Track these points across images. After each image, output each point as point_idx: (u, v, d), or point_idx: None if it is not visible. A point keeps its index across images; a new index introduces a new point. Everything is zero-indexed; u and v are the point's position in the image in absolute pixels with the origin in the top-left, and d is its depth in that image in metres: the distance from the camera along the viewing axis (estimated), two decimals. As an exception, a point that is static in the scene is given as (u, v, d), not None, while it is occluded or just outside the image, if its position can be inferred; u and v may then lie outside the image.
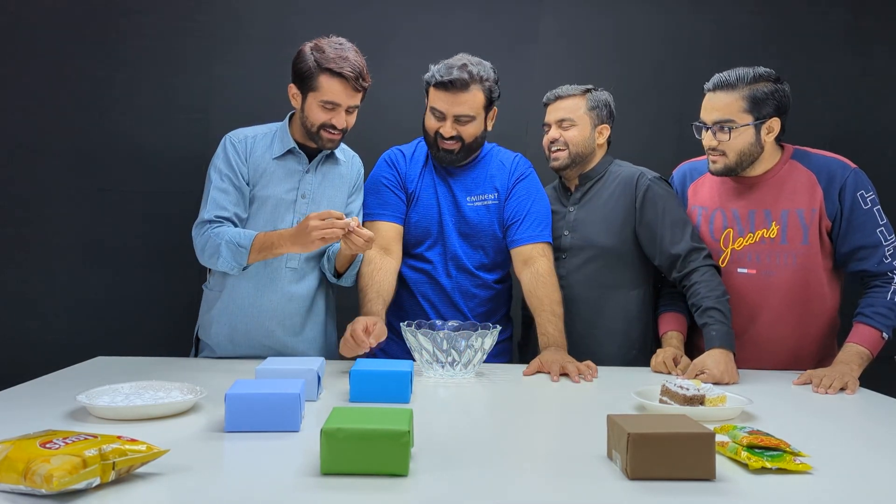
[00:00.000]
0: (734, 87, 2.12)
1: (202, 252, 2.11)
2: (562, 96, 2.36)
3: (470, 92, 2.18)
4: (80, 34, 2.77)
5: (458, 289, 2.30)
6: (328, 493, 1.14)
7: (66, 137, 2.77)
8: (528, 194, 2.32)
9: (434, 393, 1.85)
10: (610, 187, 2.35)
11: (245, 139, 2.19)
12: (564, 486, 1.20)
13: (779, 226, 2.17)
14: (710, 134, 2.15)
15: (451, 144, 2.23)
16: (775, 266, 2.18)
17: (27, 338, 2.74)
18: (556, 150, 2.35)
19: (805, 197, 2.16)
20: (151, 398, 1.57)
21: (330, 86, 2.07)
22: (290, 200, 2.18)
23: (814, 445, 1.38)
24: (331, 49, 2.07)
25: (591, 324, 2.31)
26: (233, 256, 2.06)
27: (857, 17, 2.93)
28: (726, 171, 2.18)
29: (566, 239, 2.36)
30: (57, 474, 1.05)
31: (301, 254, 2.16)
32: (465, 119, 2.21)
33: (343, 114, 2.11)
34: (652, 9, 2.94)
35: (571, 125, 2.34)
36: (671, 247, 2.23)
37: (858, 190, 2.13)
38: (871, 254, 2.13)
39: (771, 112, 2.12)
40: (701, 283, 2.16)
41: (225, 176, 2.14)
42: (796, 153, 2.22)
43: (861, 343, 2.06)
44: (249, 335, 2.18)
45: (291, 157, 2.19)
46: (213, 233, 2.09)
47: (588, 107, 2.34)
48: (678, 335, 2.26)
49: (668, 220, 2.25)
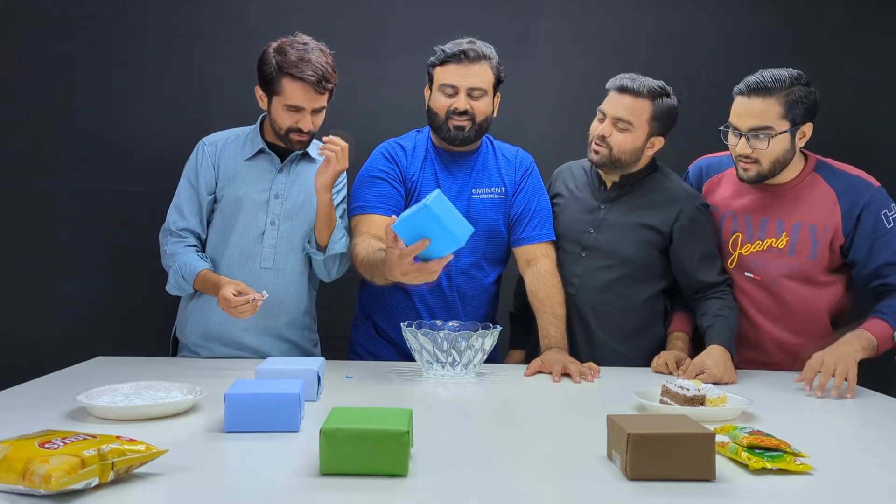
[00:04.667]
0: (771, 92, 2.02)
1: (162, 261, 2.23)
2: (630, 91, 2.15)
3: (481, 65, 2.16)
4: (80, 34, 2.76)
5: (457, 292, 2.26)
6: (328, 494, 1.14)
7: (66, 137, 2.77)
8: (534, 191, 2.29)
9: (434, 393, 1.85)
10: (649, 196, 2.24)
11: (215, 143, 2.23)
12: (564, 487, 1.20)
13: (789, 237, 2.14)
14: (744, 141, 2.06)
15: (464, 121, 2.17)
16: (778, 276, 2.16)
17: (27, 338, 2.74)
18: (599, 146, 2.19)
19: (822, 213, 2.12)
20: (151, 398, 1.57)
21: (292, 90, 2.06)
22: (263, 201, 2.18)
23: (814, 446, 1.38)
24: (293, 51, 2.06)
25: (600, 329, 2.24)
26: (177, 285, 2.17)
27: (857, 17, 2.93)
28: (758, 179, 2.11)
29: (590, 237, 2.25)
30: (55, 474, 1.05)
31: (276, 253, 2.18)
32: (477, 92, 2.16)
33: (308, 117, 2.10)
34: (652, 9, 2.94)
35: (626, 129, 2.16)
36: (704, 276, 2.19)
37: (882, 209, 2.09)
38: (894, 270, 2.09)
39: (805, 117, 2.06)
40: (718, 298, 2.16)
41: (191, 185, 2.21)
42: (819, 165, 2.17)
43: (870, 330, 2.01)
44: (223, 334, 2.18)
45: (263, 157, 2.20)
46: (170, 251, 2.18)
47: (651, 115, 2.16)
48: (683, 336, 2.24)
49: (706, 250, 2.20)
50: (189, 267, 2.13)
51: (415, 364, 2.08)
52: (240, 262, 2.17)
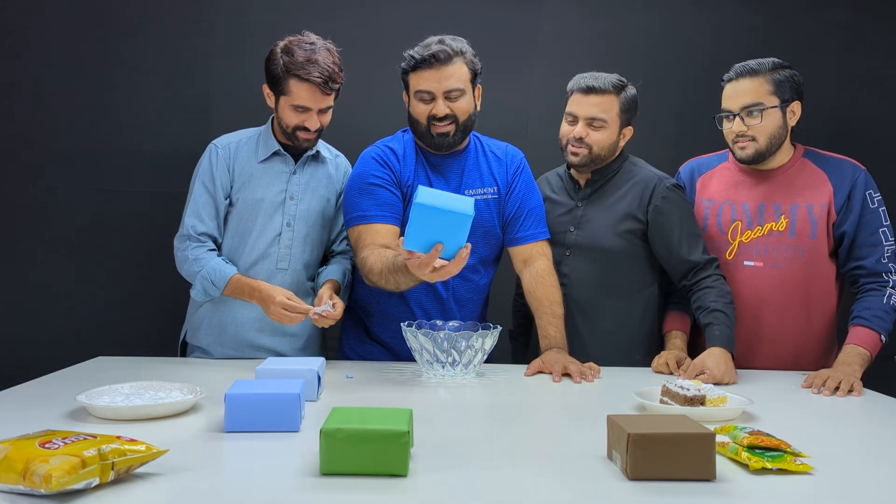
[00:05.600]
0: (758, 72, 2.15)
1: (180, 267, 2.19)
2: (597, 90, 2.20)
3: (454, 64, 2.09)
4: (80, 34, 2.76)
5: (453, 295, 2.23)
6: (328, 494, 1.14)
7: (66, 137, 2.77)
8: (527, 189, 2.27)
9: (434, 393, 1.85)
10: (623, 187, 2.28)
11: (228, 146, 2.20)
12: (564, 487, 1.20)
13: (788, 219, 2.19)
14: (739, 120, 2.16)
15: (446, 126, 2.12)
16: (783, 259, 2.19)
17: (27, 338, 2.74)
18: (577, 147, 2.22)
19: (815, 192, 2.18)
20: (151, 398, 1.57)
21: (299, 91, 2.07)
22: (279, 202, 2.19)
23: (814, 446, 1.38)
24: (300, 52, 2.06)
25: (594, 326, 2.25)
26: (204, 291, 2.14)
27: (857, 17, 2.93)
28: (756, 157, 2.18)
29: (572, 236, 2.28)
30: (56, 474, 1.05)
31: (291, 254, 2.20)
32: (455, 93, 2.09)
33: (315, 116, 2.11)
34: (652, 9, 2.94)
35: (602, 126, 2.20)
36: (689, 254, 2.20)
37: (868, 189, 2.17)
38: (870, 252, 2.15)
39: (793, 96, 2.16)
40: (712, 288, 2.15)
41: (207, 189, 2.18)
42: (808, 153, 2.25)
43: (861, 344, 2.06)
44: (238, 335, 2.19)
45: (277, 158, 2.20)
46: (193, 256, 2.14)
47: (620, 109, 2.22)
48: (682, 335, 2.25)
49: (686, 229, 2.22)
50: (219, 272, 2.12)
51: (415, 364, 2.08)
52: (256, 263, 2.18)
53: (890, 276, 2.13)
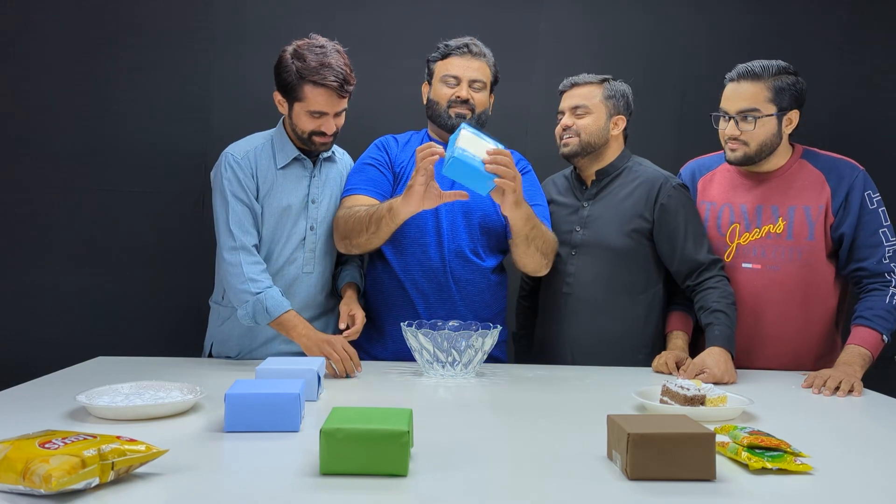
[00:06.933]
0: (759, 77, 2.13)
1: (227, 281, 2.07)
2: (578, 83, 2.30)
3: (482, 60, 2.26)
4: (80, 35, 2.76)
5: (451, 274, 2.21)
6: (328, 494, 1.14)
7: (66, 137, 2.77)
8: (530, 190, 2.24)
9: (434, 393, 1.85)
10: (628, 186, 2.28)
11: (247, 154, 2.13)
12: (564, 487, 1.20)
13: (785, 221, 2.19)
14: (733, 123, 2.16)
15: (465, 109, 2.24)
16: (780, 261, 2.19)
17: (27, 338, 2.74)
18: (567, 137, 2.28)
19: (813, 194, 2.18)
20: (151, 398, 1.57)
21: (314, 96, 2.04)
22: (303, 207, 2.17)
23: (814, 446, 1.38)
24: (312, 56, 2.03)
25: (599, 325, 2.24)
26: (254, 315, 2.04)
27: (857, 17, 2.93)
28: (745, 160, 2.18)
29: (578, 235, 2.29)
30: (56, 474, 1.05)
31: (315, 257, 2.19)
32: (478, 84, 2.24)
33: (331, 120, 2.09)
34: (651, 9, 2.94)
35: (586, 113, 2.27)
36: (695, 253, 2.20)
37: (866, 190, 2.17)
38: (871, 253, 2.14)
39: (792, 104, 2.15)
40: (715, 289, 2.16)
41: (240, 200, 2.09)
42: (806, 153, 2.24)
43: (862, 344, 2.06)
44: (269, 344, 2.17)
45: (296, 163, 2.18)
46: (250, 275, 2.04)
47: (604, 96, 2.27)
48: (683, 335, 2.25)
49: (692, 229, 2.22)
50: (279, 304, 2.04)
51: (415, 364, 2.08)
52: (283, 268, 2.16)
53: (892, 276, 2.13)
